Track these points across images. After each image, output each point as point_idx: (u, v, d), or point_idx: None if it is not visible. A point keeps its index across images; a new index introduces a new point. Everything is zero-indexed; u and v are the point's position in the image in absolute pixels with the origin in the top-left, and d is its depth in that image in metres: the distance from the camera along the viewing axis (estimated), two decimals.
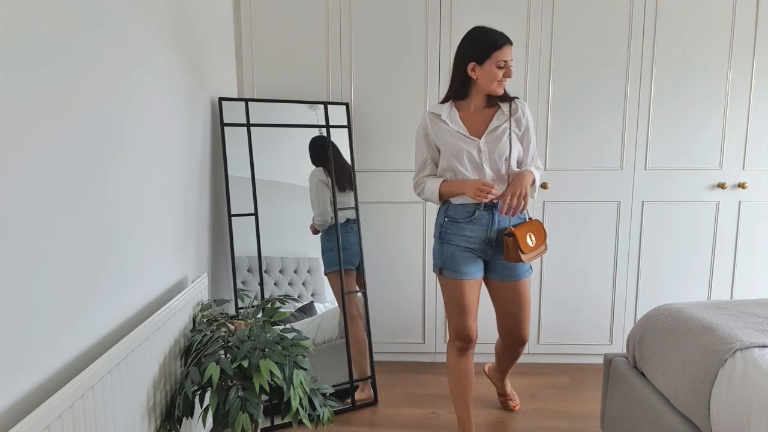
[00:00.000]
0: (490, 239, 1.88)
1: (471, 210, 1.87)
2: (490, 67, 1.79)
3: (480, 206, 1.86)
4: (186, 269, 1.97)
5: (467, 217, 1.87)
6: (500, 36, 1.80)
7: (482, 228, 1.87)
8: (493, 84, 1.82)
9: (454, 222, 1.89)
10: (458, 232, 1.89)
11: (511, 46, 1.81)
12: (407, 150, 2.71)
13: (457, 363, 1.98)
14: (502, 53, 1.78)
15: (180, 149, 1.92)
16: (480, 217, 1.87)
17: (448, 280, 1.91)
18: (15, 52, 1.04)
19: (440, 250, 1.93)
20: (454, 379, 2.01)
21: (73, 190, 1.23)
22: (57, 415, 1.04)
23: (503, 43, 1.79)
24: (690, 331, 1.59)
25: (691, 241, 2.75)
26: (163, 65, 1.76)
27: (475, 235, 1.88)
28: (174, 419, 1.54)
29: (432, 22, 2.62)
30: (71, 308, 1.22)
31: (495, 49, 1.78)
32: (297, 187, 2.46)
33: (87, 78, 1.29)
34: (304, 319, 2.40)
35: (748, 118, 2.65)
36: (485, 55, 1.79)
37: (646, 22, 2.59)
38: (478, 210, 1.86)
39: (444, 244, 1.91)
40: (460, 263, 1.88)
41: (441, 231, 1.93)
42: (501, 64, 1.79)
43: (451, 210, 1.91)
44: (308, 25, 2.63)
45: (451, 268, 1.89)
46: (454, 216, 1.90)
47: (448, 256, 1.90)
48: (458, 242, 1.89)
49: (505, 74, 1.81)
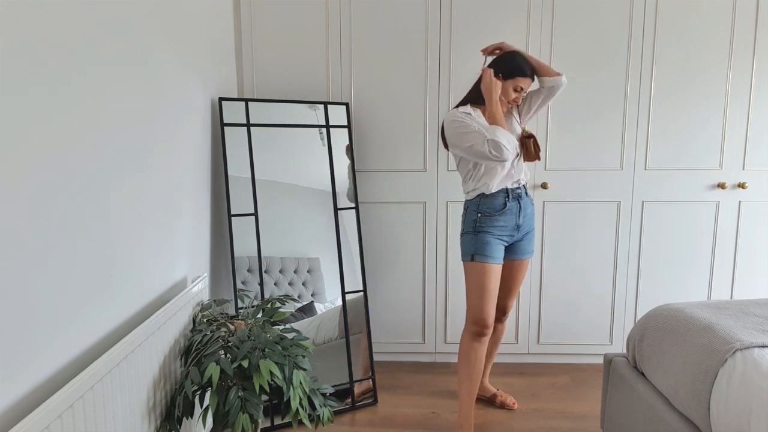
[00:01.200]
0: (519, 225, 2.10)
1: (502, 203, 2.06)
2: (508, 86, 2.03)
3: (509, 198, 2.07)
4: (186, 269, 1.97)
5: (499, 209, 2.06)
6: (529, 69, 2.04)
7: (513, 216, 2.08)
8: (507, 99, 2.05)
9: (488, 216, 2.06)
10: (492, 223, 2.06)
11: (530, 80, 2.05)
12: (407, 150, 2.71)
13: (471, 347, 2.10)
14: (524, 81, 2.03)
15: (180, 149, 1.92)
16: (511, 207, 2.07)
17: (478, 264, 2.05)
18: (15, 56, 1.04)
19: (475, 239, 2.07)
20: (465, 363, 2.12)
21: (73, 190, 1.23)
22: (57, 415, 1.04)
23: (529, 74, 2.04)
24: (690, 331, 1.59)
25: (691, 241, 2.75)
26: (164, 65, 1.76)
27: (506, 223, 2.07)
28: (174, 419, 1.54)
29: (432, 22, 2.62)
30: (71, 308, 1.22)
31: (520, 75, 2.02)
32: (297, 187, 2.46)
33: (87, 78, 1.29)
34: (304, 319, 2.40)
35: (748, 118, 2.65)
36: (511, 74, 2.02)
37: (646, 22, 2.59)
38: (508, 202, 2.07)
39: (479, 233, 2.07)
40: (492, 248, 2.06)
41: (476, 225, 2.08)
42: (518, 89, 2.03)
43: (483, 205, 2.07)
44: (308, 25, 2.63)
45: (482, 253, 2.05)
46: (486, 210, 2.07)
47: (482, 243, 2.05)
48: (493, 232, 2.06)
49: (515, 99, 2.05)
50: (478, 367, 2.11)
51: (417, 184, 2.74)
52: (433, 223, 2.76)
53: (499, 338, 2.38)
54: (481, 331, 2.07)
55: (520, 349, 2.85)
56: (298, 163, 2.47)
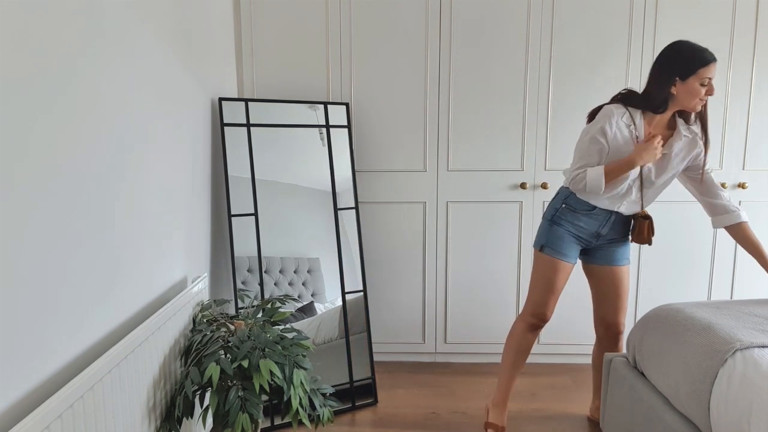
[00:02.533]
0: (600, 234, 1.97)
1: (591, 206, 1.94)
2: (694, 83, 1.76)
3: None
4: (186, 269, 1.97)
5: (586, 210, 1.94)
6: (707, 53, 1.77)
7: (597, 222, 1.95)
8: (693, 101, 1.79)
9: (572, 211, 1.96)
10: (572, 220, 1.96)
11: (716, 63, 1.77)
12: (407, 150, 2.71)
13: (523, 336, 2.06)
14: (708, 70, 1.75)
15: (180, 149, 1.92)
16: (598, 213, 1.94)
17: (547, 257, 1.98)
18: (15, 56, 1.04)
19: (549, 230, 1.99)
20: (512, 350, 2.07)
21: (72, 190, 1.23)
22: (57, 415, 1.04)
23: (710, 59, 1.76)
24: (690, 331, 1.59)
25: (691, 241, 2.75)
26: (164, 65, 1.76)
27: (587, 227, 1.96)
28: (174, 419, 1.54)
29: (432, 22, 2.62)
30: (71, 308, 1.22)
31: (701, 66, 1.75)
32: (297, 187, 2.46)
33: (87, 79, 1.29)
34: (304, 319, 2.40)
35: (748, 118, 2.65)
36: (691, 70, 1.75)
37: (646, 22, 2.59)
38: (598, 207, 1.93)
39: (554, 225, 1.98)
40: (564, 245, 1.97)
41: (555, 214, 1.99)
42: (705, 82, 1.76)
43: (571, 198, 1.96)
44: (308, 25, 2.63)
45: (553, 247, 1.97)
46: (573, 205, 1.96)
47: (555, 236, 1.97)
48: (569, 228, 1.97)
49: (707, 92, 1.77)
50: (523, 358, 2.08)
51: (417, 184, 2.74)
52: (433, 223, 2.76)
53: None
54: (539, 324, 2.04)
55: None
56: (298, 163, 2.47)
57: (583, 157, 1.90)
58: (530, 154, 2.69)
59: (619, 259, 2.02)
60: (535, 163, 2.69)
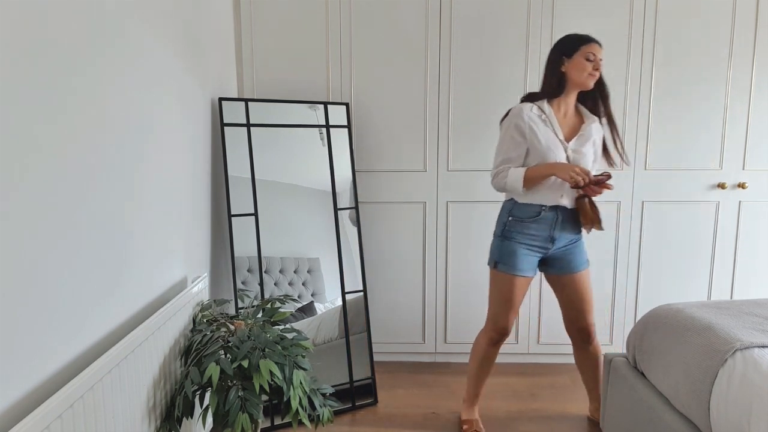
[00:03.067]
0: (553, 237, 1.97)
1: (537, 210, 1.95)
2: (580, 59, 1.90)
3: (546, 207, 1.94)
4: (186, 269, 1.97)
5: (532, 216, 1.95)
6: (588, 36, 1.93)
7: (546, 226, 1.95)
8: (583, 75, 1.90)
9: (520, 221, 1.97)
10: (522, 230, 1.96)
11: (599, 45, 1.91)
12: (407, 150, 2.71)
13: (486, 350, 2.12)
14: (590, 47, 1.90)
15: (180, 149, 1.92)
16: (545, 217, 1.94)
17: (502, 274, 1.99)
18: (15, 56, 1.04)
19: (500, 246, 2.00)
20: (477, 361, 2.15)
21: (72, 190, 1.23)
22: (57, 415, 1.04)
23: (591, 39, 1.92)
24: (690, 331, 1.59)
25: (691, 241, 2.75)
26: (164, 65, 1.76)
27: (538, 233, 1.96)
28: (174, 419, 1.54)
29: (432, 22, 2.62)
30: (71, 308, 1.22)
31: (583, 43, 1.91)
32: (297, 187, 2.46)
33: (87, 79, 1.29)
34: (304, 319, 2.40)
35: (748, 118, 2.65)
36: (574, 48, 1.91)
37: (646, 22, 2.59)
38: (543, 210, 1.94)
39: (505, 240, 1.99)
40: (517, 260, 1.96)
41: (504, 229, 2.00)
42: (590, 57, 1.89)
43: (516, 209, 1.98)
44: (308, 25, 2.63)
45: (507, 263, 1.97)
46: (519, 215, 1.97)
47: (507, 252, 1.97)
48: (521, 240, 1.96)
49: (594, 66, 1.89)
50: (489, 366, 2.16)
51: (417, 184, 2.74)
52: (433, 224, 2.76)
53: (598, 360, 2.17)
54: (499, 338, 2.08)
55: (520, 349, 2.85)
56: (298, 163, 2.47)
57: (501, 153, 1.98)
58: None
59: (577, 266, 2.02)
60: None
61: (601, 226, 1.94)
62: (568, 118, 1.99)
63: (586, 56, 1.89)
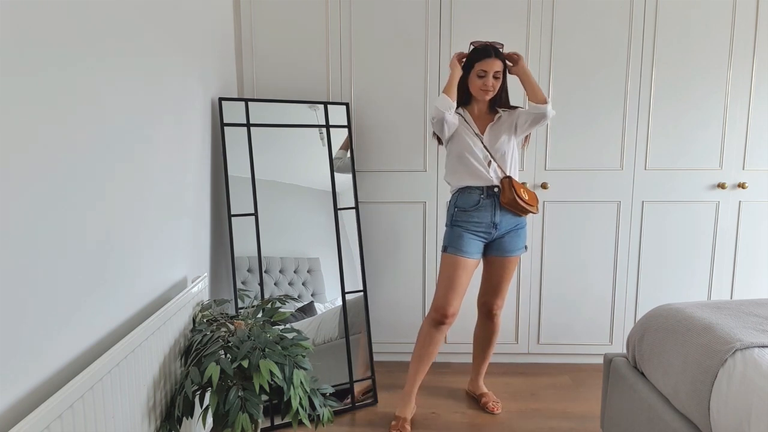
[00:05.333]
0: (495, 222, 2.14)
1: (476, 199, 2.13)
2: (473, 76, 2.11)
3: (483, 194, 2.13)
4: (186, 269, 1.97)
5: (473, 205, 2.14)
6: (485, 50, 2.08)
7: (487, 213, 2.13)
8: (476, 91, 2.13)
9: (463, 210, 2.15)
10: (467, 218, 2.14)
11: (493, 58, 2.06)
12: (407, 150, 2.71)
13: (428, 333, 2.18)
14: (482, 64, 2.07)
15: (180, 149, 1.92)
16: (484, 204, 2.13)
17: (449, 256, 2.14)
18: (16, 56, 1.04)
19: (450, 232, 2.17)
20: (419, 344, 2.21)
21: (72, 190, 1.23)
22: (57, 415, 1.04)
23: (484, 55, 2.07)
24: (690, 331, 1.59)
25: (691, 241, 2.75)
26: (163, 65, 1.76)
27: (481, 219, 2.14)
28: (174, 419, 1.54)
29: (432, 22, 2.62)
30: (71, 308, 1.22)
31: (476, 60, 2.09)
32: (297, 187, 2.46)
33: (87, 79, 1.29)
34: (304, 319, 2.40)
35: (748, 118, 2.65)
36: (470, 65, 2.11)
37: (646, 22, 2.59)
38: (482, 198, 2.13)
39: (454, 227, 2.17)
40: (463, 243, 2.13)
41: (452, 219, 2.18)
42: (480, 74, 2.08)
43: (459, 200, 2.17)
44: (308, 25, 2.63)
45: (454, 246, 2.14)
46: (462, 206, 2.16)
47: (454, 236, 2.15)
48: (467, 227, 2.14)
49: (484, 85, 2.08)
50: (430, 350, 2.19)
51: (417, 184, 2.74)
52: (433, 223, 2.76)
53: (491, 337, 2.38)
54: (441, 320, 2.14)
55: (520, 349, 2.85)
56: (298, 163, 2.47)
57: None
58: (530, 153, 2.69)
59: (511, 250, 2.20)
60: (535, 162, 2.69)
61: (519, 205, 2.09)
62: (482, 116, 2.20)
63: (477, 74, 2.09)
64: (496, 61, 2.07)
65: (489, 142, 2.15)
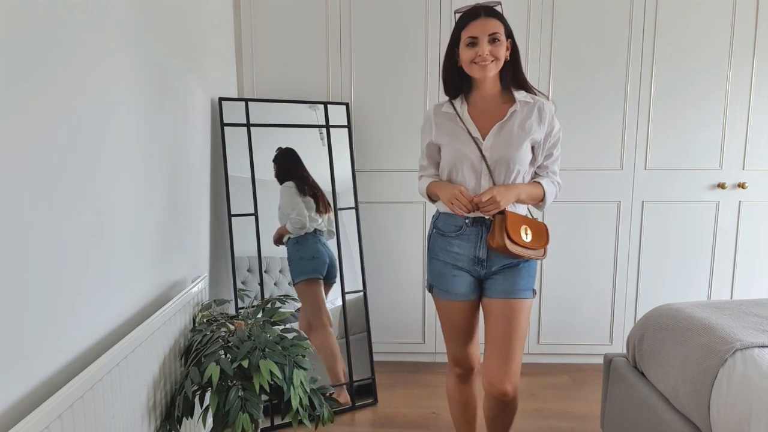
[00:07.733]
0: (480, 258, 1.57)
1: (459, 224, 1.59)
2: (463, 48, 1.53)
3: (468, 220, 1.58)
4: (186, 269, 1.97)
5: (455, 231, 1.60)
6: (470, 11, 1.53)
7: (470, 245, 1.58)
8: (468, 67, 1.54)
9: (442, 235, 1.63)
10: (445, 247, 1.62)
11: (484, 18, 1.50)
12: (407, 150, 2.71)
13: (458, 389, 1.77)
14: (468, 30, 1.51)
15: (180, 149, 1.92)
16: (468, 233, 1.58)
17: (439, 300, 1.66)
18: (15, 55, 1.04)
19: (429, 266, 1.68)
20: (455, 407, 1.80)
21: (71, 190, 1.23)
22: (57, 415, 1.04)
23: (468, 18, 1.52)
24: (690, 331, 1.59)
25: (691, 241, 2.75)
26: (164, 65, 1.76)
27: (462, 252, 1.59)
28: (174, 419, 1.54)
29: (432, 22, 2.62)
30: (71, 308, 1.22)
31: (461, 29, 1.54)
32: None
33: (87, 79, 1.29)
34: None
35: (748, 118, 2.65)
36: (457, 37, 1.55)
37: (646, 22, 2.59)
38: (465, 225, 1.58)
39: (432, 259, 1.66)
40: (449, 282, 1.61)
41: (429, 244, 1.68)
42: (470, 42, 1.51)
43: (439, 221, 1.65)
44: (308, 25, 2.63)
45: (438, 286, 1.64)
46: (442, 228, 1.63)
47: (435, 272, 1.65)
48: (445, 258, 1.62)
49: (479, 57, 1.50)
50: (469, 411, 1.78)
51: (417, 184, 2.73)
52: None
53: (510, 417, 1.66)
54: (465, 373, 1.73)
55: None
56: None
57: (421, 159, 1.77)
58: None
59: (508, 291, 1.56)
60: None
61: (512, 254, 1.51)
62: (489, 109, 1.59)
63: (466, 43, 1.52)
64: (489, 20, 1.50)
65: (490, 151, 1.54)
